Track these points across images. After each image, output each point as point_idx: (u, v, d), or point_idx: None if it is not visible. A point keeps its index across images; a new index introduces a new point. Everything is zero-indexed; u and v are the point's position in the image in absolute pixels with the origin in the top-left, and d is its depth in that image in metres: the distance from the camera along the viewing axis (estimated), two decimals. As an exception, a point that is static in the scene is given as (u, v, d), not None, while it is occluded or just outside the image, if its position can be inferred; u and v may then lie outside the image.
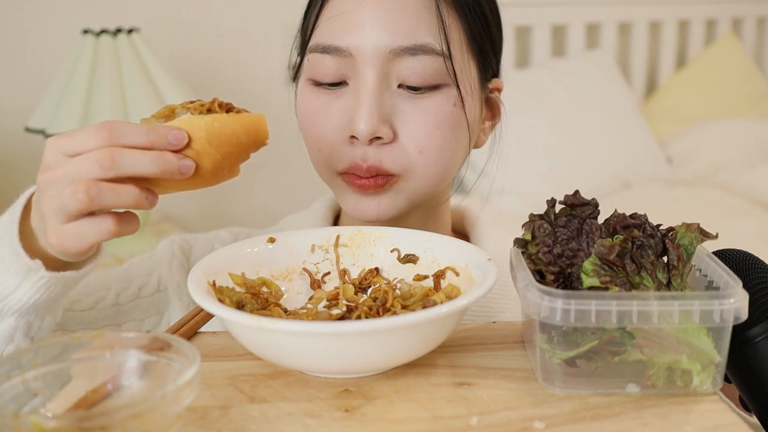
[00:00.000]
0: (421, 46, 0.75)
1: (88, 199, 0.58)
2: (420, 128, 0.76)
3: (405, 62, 0.75)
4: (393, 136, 0.76)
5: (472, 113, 0.81)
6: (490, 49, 0.83)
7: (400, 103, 0.77)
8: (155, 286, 0.86)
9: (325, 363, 0.57)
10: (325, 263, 0.73)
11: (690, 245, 0.61)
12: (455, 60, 0.77)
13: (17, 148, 2.21)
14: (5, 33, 2.18)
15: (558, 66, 2.66)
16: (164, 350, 0.53)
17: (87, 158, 0.58)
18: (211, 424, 0.54)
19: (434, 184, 0.81)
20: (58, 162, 0.60)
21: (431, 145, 0.77)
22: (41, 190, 0.61)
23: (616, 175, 2.53)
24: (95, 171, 0.58)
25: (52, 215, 0.60)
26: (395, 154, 0.77)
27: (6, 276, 0.66)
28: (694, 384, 0.56)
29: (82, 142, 0.59)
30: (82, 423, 0.44)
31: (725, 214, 2.25)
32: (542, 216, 0.63)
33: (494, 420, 0.54)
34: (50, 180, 0.60)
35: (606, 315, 0.54)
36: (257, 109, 0.66)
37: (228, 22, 2.37)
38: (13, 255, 0.65)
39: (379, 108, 0.75)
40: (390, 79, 0.76)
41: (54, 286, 0.67)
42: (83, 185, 0.58)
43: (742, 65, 2.92)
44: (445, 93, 0.77)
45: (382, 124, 0.75)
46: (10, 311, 0.67)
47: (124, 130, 0.59)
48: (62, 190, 0.59)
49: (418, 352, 0.59)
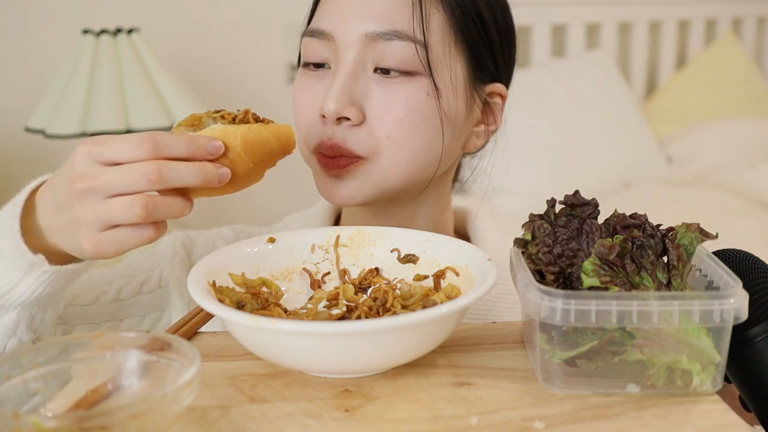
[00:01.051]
0: (395, 32, 0.76)
1: (146, 214, 0.60)
2: (389, 113, 0.77)
3: (380, 47, 0.77)
4: (362, 118, 0.77)
5: (451, 108, 0.80)
6: (486, 50, 0.82)
7: (373, 87, 0.77)
8: (157, 282, 0.87)
9: (325, 363, 0.57)
10: (325, 263, 0.73)
11: (690, 245, 0.61)
12: (432, 50, 0.77)
13: (17, 148, 2.21)
14: (5, 33, 2.18)
15: (558, 66, 2.66)
16: (164, 350, 0.53)
17: (131, 170, 0.59)
18: (211, 424, 0.54)
19: (404, 174, 0.79)
20: (93, 171, 0.60)
21: (399, 132, 0.77)
22: (74, 198, 0.61)
23: (616, 175, 2.52)
24: (142, 184, 0.59)
25: (89, 223, 0.61)
26: (362, 136, 0.77)
27: (7, 271, 0.66)
28: (694, 384, 0.56)
29: (123, 153, 0.60)
30: (82, 423, 0.44)
31: (725, 214, 2.25)
32: (542, 216, 0.63)
33: (494, 420, 0.54)
34: (87, 189, 0.60)
35: (606, 315, 0.54)
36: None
37: (228, 22, 2.37)
38: (15, 251, 0.65)
39: (350, 90, 0.77)
40: (366, 63, 0.78)
41: (57, 280, 0.67)
42: (141, 200, 0.59)
43: (742, 65, 2.92)
44: (419, 81, 0.77)
45: (350, 105, 0.76)
46: (12, 305, 0.68)
47: (167, 142, 0.60)
48: (101, 199, 0.60)
49: (418, 352, 0.59)
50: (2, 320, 0.69)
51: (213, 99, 2.24)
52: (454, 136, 0.82)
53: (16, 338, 0.70)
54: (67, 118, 1.82)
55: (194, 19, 2.33)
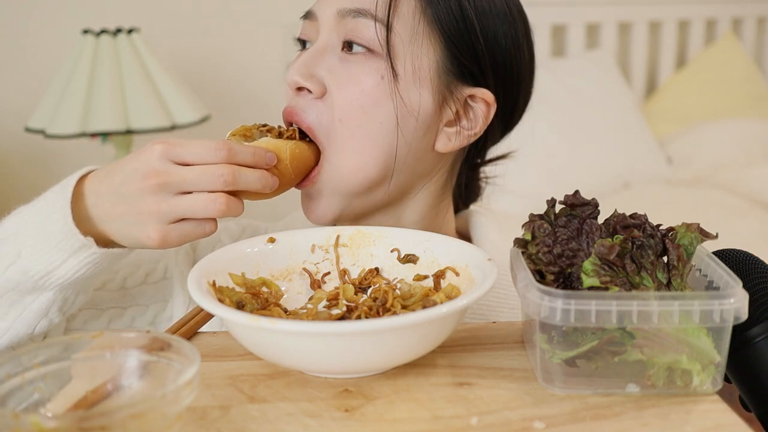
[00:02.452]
0: (360, 9, 0.77)
1: (226, 210, 0.68)
2: (343, 89, 0.77)
3: (349, 24, 0.78)
4: (322, 91, 0.78)
5: (412, 98, 0.77)
6: (468, 52, 0.79)
7: (336, 63, 0.79)
8: (161, 273, 0.88)
9: (325, 363, 0.57)
10: (325, 263, 0.73)
11: (690, 245, 0.61)
12: (395, 33, 0.77)
13: (17, 148, 2.21)
14: (5, 33, 2.18)
15: (558, 66, 2.66)
16: (164, 350, 0.53)
17: (210, 172, 0.67)
18: (211, 424, 0.54)
19: (358, 168, 0.78)
20: (166, 168, 0.67)
21: (349, 114, 0.77)
22: (147, 192, 0.67)
23: (616, 175, 2.52)
24: (219, 184, 0.68)
25: (160, 215, 0.68)
26: (320, 108, 0.78)
27: (52, 252, 0.70)
28: (694, 384, 0.56)
29: (200, 156, 0.68)
30: (82, 423, 0.44)
31: (725, 214, 2.24)
32: (542, 216, 0.63)
33: (494, 420, 0.54)
34: (163, 185, 0.67)
35: (606, 315, 0.54)
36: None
37: (228, 22, 2.37)
38: (65, 233, 0.69)
39: (314, 63, 0.79)
40: (337, 41, 0.79)
41: (101, 263, 0.72)
42: (223, 198, 0.68)
43: (742, 65, 2.92)
44: (376, 62, 0.77)
45: (310, 77, 0.78)
46: (51, 286, 0.72)
47: (238, 150, 0.70)
48: (172, 195, 0.67)
49: (418, 352, 0.59)
50: (38, 300, 0.73)
51: (213, 99, 2.24)
52: (418, 131, 0.79)
53: (47, 319, 0.74)
54: (67, 118, 1.82)
55: (194, 19, 2.33)
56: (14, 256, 0.71)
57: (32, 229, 0.71)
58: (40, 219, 0.71)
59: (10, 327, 0.74)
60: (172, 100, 1.92)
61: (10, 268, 0.71)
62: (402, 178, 0.81)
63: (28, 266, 0.70)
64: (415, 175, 0.83)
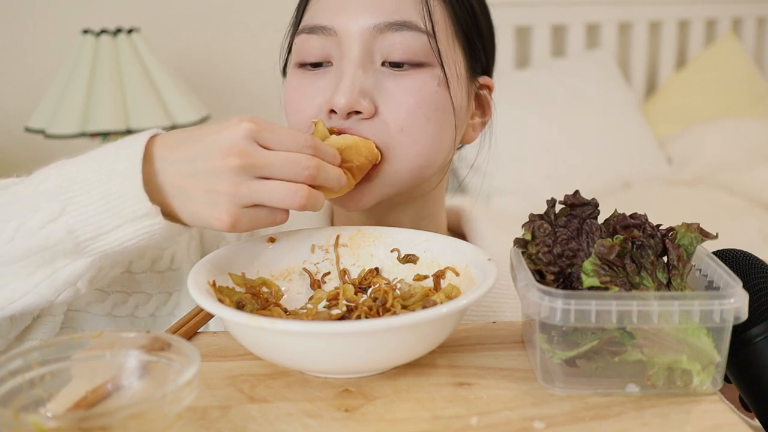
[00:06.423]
0: (405, 22, 0.76)
1: (305, 203, 0.64)
2: (402, 105, 0.76)
3: (389, 38, 0.76)
4: (374, 112, 0.76)
5: (458, 98, 0.80)
6: (479, 42, 0.84)
7: (383, 81, 0.77)
8: (168, 263, 0.85)
9: (325, 363, 0.57)
10: (325, 263, 0.73)
11: (690, 245, 0.61)
12: (440, 41, 0.78)
13: (17, 148, 2.21)
14: (5, 33, 2.18)
15: (558, 66, 2.66)
16: (164, 350, 0.53)
17: (296, 161, 0.64)
18: (211, 424, 0.54)
19: (417, 168, 0.79)
20: (253, 150, 0.63)
21: (413, 124, 0.76)
22: (226, 170, 0.62)
23: (616, 175, 2.52)
24: (303, 176, 0.64)
25: (235, 197, 0.62)
26: (375, 128, 0.76)
27: (106, 215, 0.63)
28: (694, 384, 0.56)
29: (286, 144, 0.64)
30: (82, 423, 0.44)
31: (725, 214, 2.25)
32: (542, 216, 0.63)
33: (494, 420, 0.54)
34: (245, 166, 0.62)
35: (606, 315, 0.54)
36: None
37: (228, 22, 2.37)
38: (128, 196, 0.63)
39: (361, 83, 0.75)
40: (374, 56, 0.77)
41: (158, 236, 0.65)
42: (305, 191, 0.64)
43: (742, 65, 2.92)
44: (429, 72, 0.77)
45: (362, 98, 0.75)
46: (92, 252, 0.65)
47: (323, 150, 0.67)
48: (252, 178, 0.63)
49: (418, 352, 0.59)
50: (72, 265, 0.65)
51: (213, 99, 2.24)
52: (459, 128, 0.83)
53: (73, 289, 0.67)
54: (67, 118, 1.82)
55: (194, 19, 2.33)
56: (56, 212, 0.63)
57: (82, 185, 0.63)
58: (96, 177, 0.63)
59: (31, 290, 0.66)
60: (171, 100, 1.92)
61: (48, 225, 0.63)
62: (439, 173, 0.86)
63: (74, 225, 0.63)
64: (443, 170, 0.87)
